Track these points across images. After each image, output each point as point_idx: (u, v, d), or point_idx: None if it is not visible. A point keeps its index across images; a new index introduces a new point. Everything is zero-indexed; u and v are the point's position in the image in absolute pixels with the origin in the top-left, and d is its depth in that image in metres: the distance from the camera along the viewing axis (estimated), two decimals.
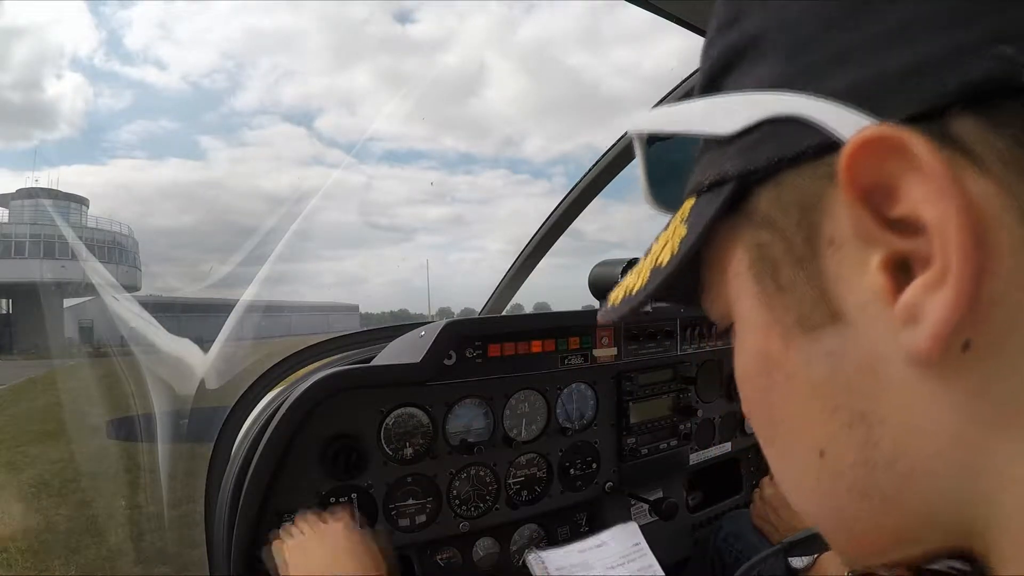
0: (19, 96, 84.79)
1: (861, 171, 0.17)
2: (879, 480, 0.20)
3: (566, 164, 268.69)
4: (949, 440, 0.18)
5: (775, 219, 0.21)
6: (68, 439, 4.90)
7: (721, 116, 0.22)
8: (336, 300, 41.24)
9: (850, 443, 0.20)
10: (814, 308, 0.20)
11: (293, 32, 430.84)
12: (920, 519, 0.20)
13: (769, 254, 0.21)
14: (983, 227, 0.16)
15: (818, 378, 0.21)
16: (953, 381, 0.18)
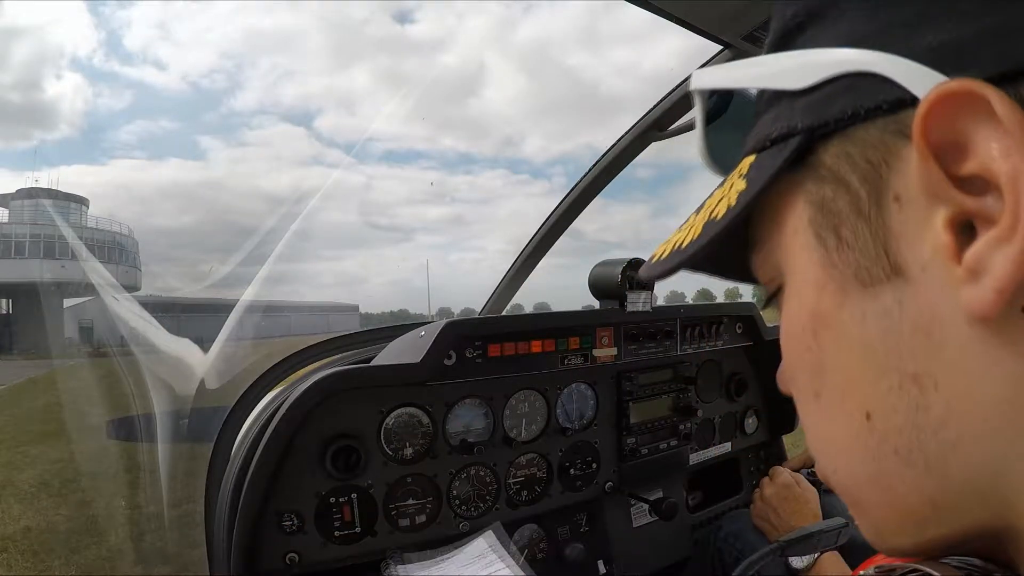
0: (19, 96, 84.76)
1: (937, 125, 0.17)
2: (926, 445, 0.20)
3: (566, 164, 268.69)
4: (1000, 407, 0.18)
5: (842, 173, 0.21)
6: (68, 439, 4.90)
7: (794, 71, 0.22)
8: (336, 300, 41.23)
9: (899, 406, 0.20)
10: (875, 263, 0.20)
11: (292, 32, 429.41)
12: (960, 487, 0.20)
13: (833, 208, 0.21)
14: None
15: (871, 337, 0.21)
16: (1010, 346, 0.18)
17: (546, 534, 1.03)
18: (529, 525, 1.02)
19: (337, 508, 0.83)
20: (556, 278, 2.89)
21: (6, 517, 3.93)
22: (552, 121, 41.87)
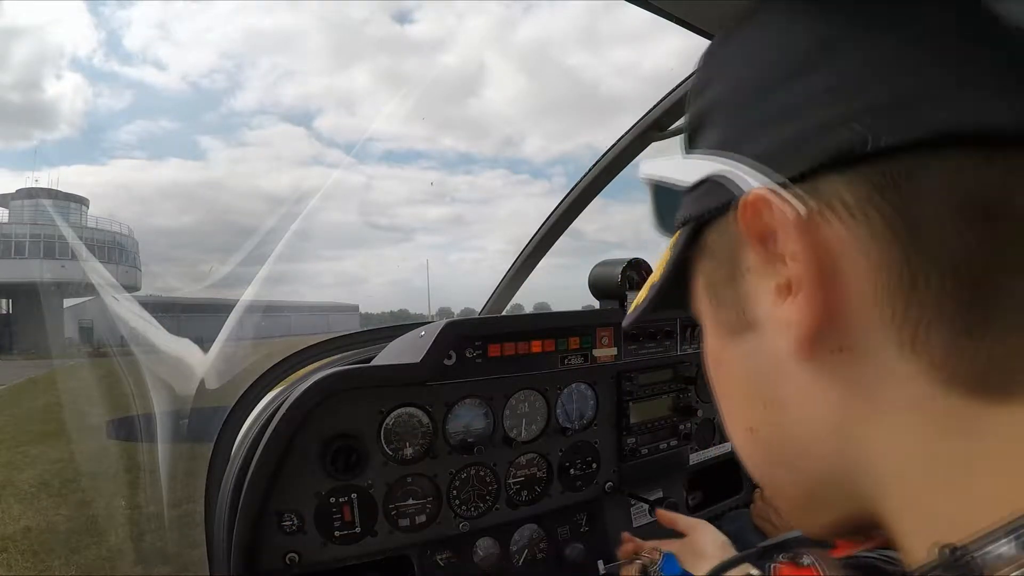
0: (19, 96, 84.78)
1: (750, 222, 0.24)
2: (786, 452, 0.27)
3: (566, 164, 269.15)
4: (829, 423, 0.24)
5: (716, 252, 0.28)
6: (68, 439, 4.90)
7: (686, 172, 0.28)
8: (336, 300, 41.21)
9: (766, 423, 0.27)
10: (738, 319, 0.27)
11: (292, 32, 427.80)
12: (821, 481, 0.26)
13: (713, 277, 0.29)
14: (832, 259, 0.22)
15: (743, 372, 0.28)
16: (831, 376, 0.24)
17: (546, 534, 1.03)
18: (529, 525, 1.02)
19: (337, 508, 0.83)
20: (556, 278, 2.90)
21: (6, 517, 3.93)
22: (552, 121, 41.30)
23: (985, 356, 0.21)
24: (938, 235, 0.21)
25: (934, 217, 0.21)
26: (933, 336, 0.21)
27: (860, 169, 0.22)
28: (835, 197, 0.22)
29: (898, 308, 0.22)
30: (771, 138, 0.24)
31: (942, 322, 0.21)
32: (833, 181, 0.22)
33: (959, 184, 0.21)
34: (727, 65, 0.28)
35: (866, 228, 0.22)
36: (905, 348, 0.22)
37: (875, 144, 0.21)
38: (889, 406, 0.23)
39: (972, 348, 0.21)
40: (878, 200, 0.22)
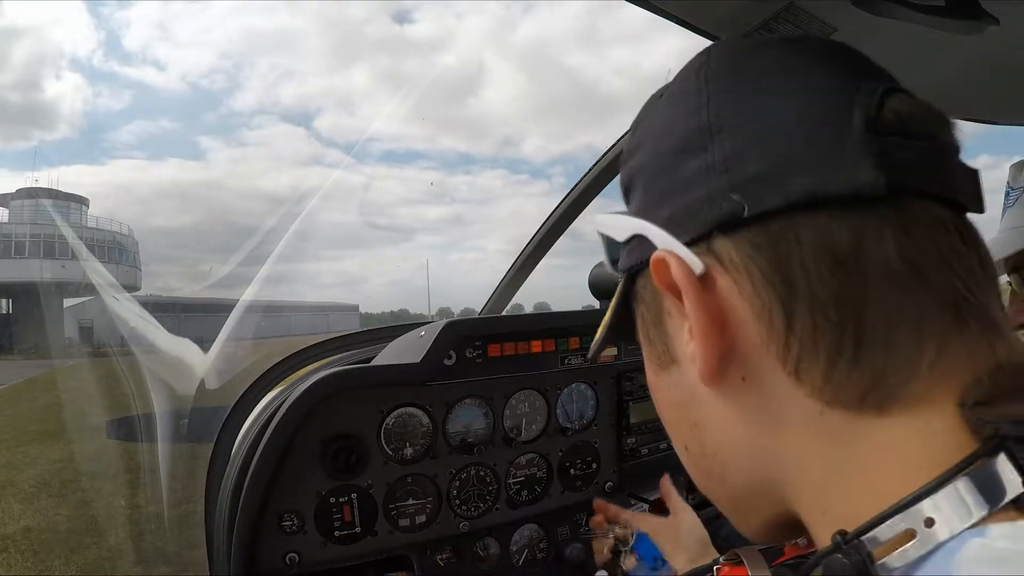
0: (18, 96, 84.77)
1: (660, 276, 0.28)
2: (711, 465, 0.32)
3: (565, 164, 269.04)
4: (742, 439, 0.29)
5: (645, 298, 0.33)
6: (68, 439, 4.90)
7: (619, 229, 0.33)
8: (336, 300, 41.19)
9: (694, 442, 0.32)
10: (664, 355, 0.32)
11: (291, 32, 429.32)
12: (744, 489, 0.31)
13: (645, 320, 0.33)
14: (722, 308, 0.27)
15: (672, 399, 0.33)
16: (739, 401, 0.28)
17: (546, 534, 1.03)
18: (529, 525, 1.02)
19: (337, 508, 0.83)
20: (556, 278, 2.90)
21: (6, 517, 3.93)
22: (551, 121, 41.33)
23: (859, 379, 0.25)
24: (807, 283, 0.25)
25: (802, 268, 0.25)
26: (813, 367, 0.25)
27: (742, 232, 0.26)
28: (724, 255, 0.27)
29: (780, 346, 0.26)
30: (674, 205, 0.29)
31: (818, 355, 0.25)
32: (723, 242, 0.27)
33: (822, 240, 0.25)
34: (647, 136, 0.33)
35: (748, 281, 0.26)
36: (792, 376, 0.26)
37: (751, 211, 0.26)
38: (788, 422, 0.27)
39: (847, 373, 0.25)
40: (757, 257, 0.26)
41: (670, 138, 0.30)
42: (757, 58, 0.30)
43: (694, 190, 0.28)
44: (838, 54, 0.30)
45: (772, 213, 0.25)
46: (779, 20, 0.70)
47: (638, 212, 0.31)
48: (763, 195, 0.26)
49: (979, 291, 0.26)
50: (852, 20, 0.68)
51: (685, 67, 0.32)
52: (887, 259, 0.24)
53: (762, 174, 0.26)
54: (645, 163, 0.32)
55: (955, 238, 0.26)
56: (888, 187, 0.25)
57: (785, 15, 0.69)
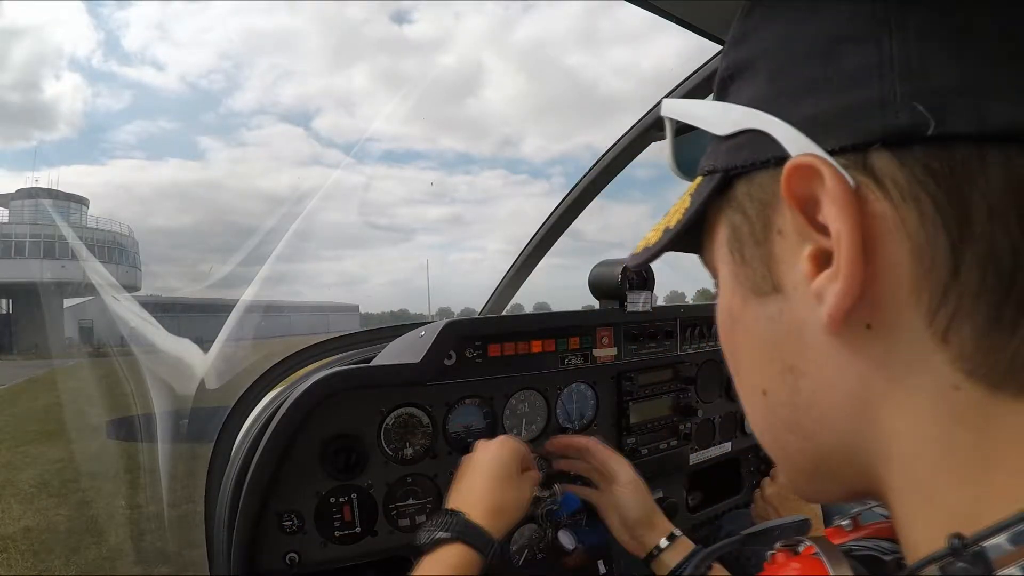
0: (18, 96, 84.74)
1: (795, 186, 0.23)
2: (800, 419, 0.27)
3: (565, 164, 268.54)
4: (850, 398, 0.25)
5: (745, 207, 0.27)
6: (68, 439, 4.90)
7: (719, 120, 0.28)
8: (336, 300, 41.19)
9: (782, 388, 0.27)
10: (763, 280, 0.27)
11: (290, 33, 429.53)
12: (832, 452, 0.26)
13: (739, 234, 0.28)
14: (875, 238, 0.22)
15: (762, 334, 0.28)
16: (857, 352, 0.24)
17: (546, 534, 1.03)
18: (529, 525, 1.02)
19: (337, 508, 0.83)
20: (556, 278, 2.90)
21: (6, 517, 3.93)
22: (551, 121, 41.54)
23: (1011, 353, 0.21)
24: (987, 227, 0.21)
25: (986, 210, 0.21)
26: (966, 327, 0.21)
27: (916, 151, 0.21)
28: (886, 175, 0.22)
29: (935, 295, 0.22)
30: (822, 103, 0.23)
31: (977, 314, 0.21)
32: (886, 159, 0.22)
33: (1015, 181, 0.21)
34: (776, 16, 0.26)
35: (915, 211, 0.22)
36: (936, 335, 0.22)
37: (938, 129, 0.21)
38: (912, 389, 0.23)
39: (1001, 344, 0.21)
40: (931, 186, 0.21)
41: (822, 18, 0.24)
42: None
43: (857, 88, 0.23)
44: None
45: (961, 137, 0.21)
46: None
47: (755, 104, 0.26)
48: (955, 113, 0.21)
49: None
50: None
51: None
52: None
53: (956, 87, 0.21)
54: (773, 47, 0.26)
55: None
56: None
57: None
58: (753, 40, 0.27)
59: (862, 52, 0.23)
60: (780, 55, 0.26)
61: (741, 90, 0.27)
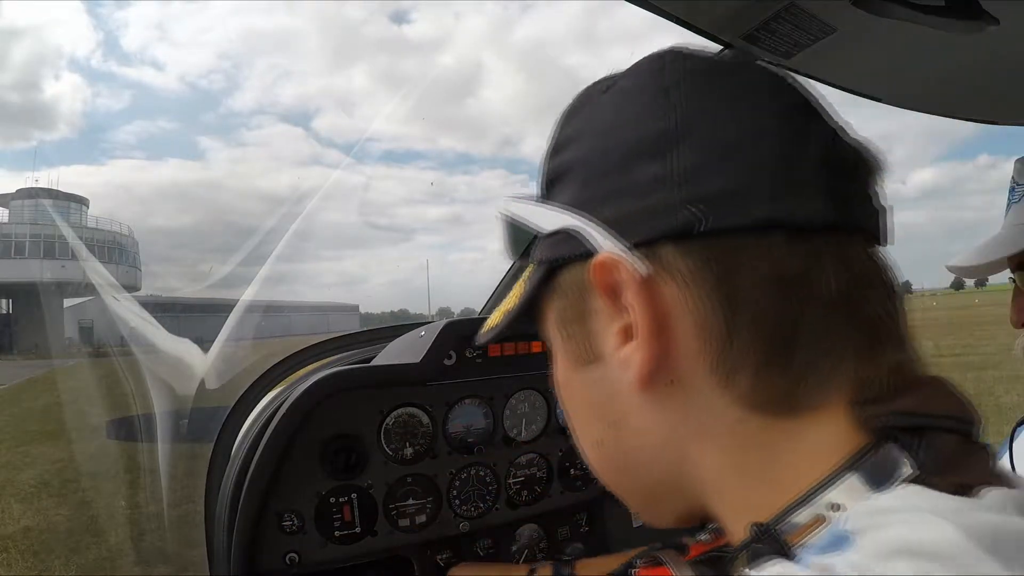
0: (18, 97, 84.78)
1: (601, 277, 0.29)
2: (628, 463, 0.33)
3: None
4: (663, 441, 0.30)
5: (567, 293, 0.32)
6: (68, 439, 4.90)
7: (543, 220, 0.32)
8: (336, 300, 41.20)
9: (611, 439, 0.33)
10: (586, 352, 0.32)
11: (289, 33, 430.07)
12: (659, 485, 0.32)
13: (563, 315, 0.33)
14: (665, 315, 0.28)
15: (589, 396, 0.33)
16: (664, 405, 0.29)
17: (546, 534, 1.03)
18: (529, 525, 1.02)
19: (337, 508, 0.83)
20: None
21: (6, 517, 3.93)
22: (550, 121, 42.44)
23: (781, 387, 0.27)
24: (753, 301, 0.27)
25: (751, 286, 0.27)
26: (742, 375, 0.27)
27: (693, 244, 0.27)
28: (672, 265, 0.27)
29: (716, 354, 0.27)
30: (622, 207, 0.29)
31: (749, 364, 0.27)
32: (672, 251, 0.27)
33: (770, 262, 0.26)
34: (587, 131, 0.32)
35: (695, 292, 0.27)
36: (720, 384, 0.28)
37: (707, 226, 0.26)
38: (708, 427, 0.29)
39: (771, 383, 0.27)
40: (707, 271, 0.27)
41: (622, 137, 0.30)
42: (732, 75, 0.30)
43: (647, 195, 0.28)
44: (794, 87, 0.31)
45: (727, 230, 0.27)
46: (779, 20, 0.70)
47: (571, 206, 0.31)
48: (721, 213, 0.27)
49: (891, 311, 0.29)
50: (852, 20, 0.68)
51: (642, 65, 0.32)
52: (827, 284, 0.27)
53: (722, 192, 0.27)
54: (584, 158, 0.31)
55: (876, 267, 0.29)
56: (835, 221, 0.27)
57: (785, 15, 0.69)
58: (570, 150, 0.32)
59: (651, 166, 0.28)
60: (590, 166, 0.31)
61: (561, 192, 0.32)
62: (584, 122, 0.33)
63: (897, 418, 0.26)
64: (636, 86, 0.31)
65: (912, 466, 0.25)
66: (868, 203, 0.30)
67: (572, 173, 0.32)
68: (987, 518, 0.22)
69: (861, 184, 0.30)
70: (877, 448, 0.26)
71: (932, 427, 0.26)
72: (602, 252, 0.28)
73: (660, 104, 0.29)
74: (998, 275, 0.87)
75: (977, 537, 0.21)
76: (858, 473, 0.25)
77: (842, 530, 0.24)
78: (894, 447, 0.25)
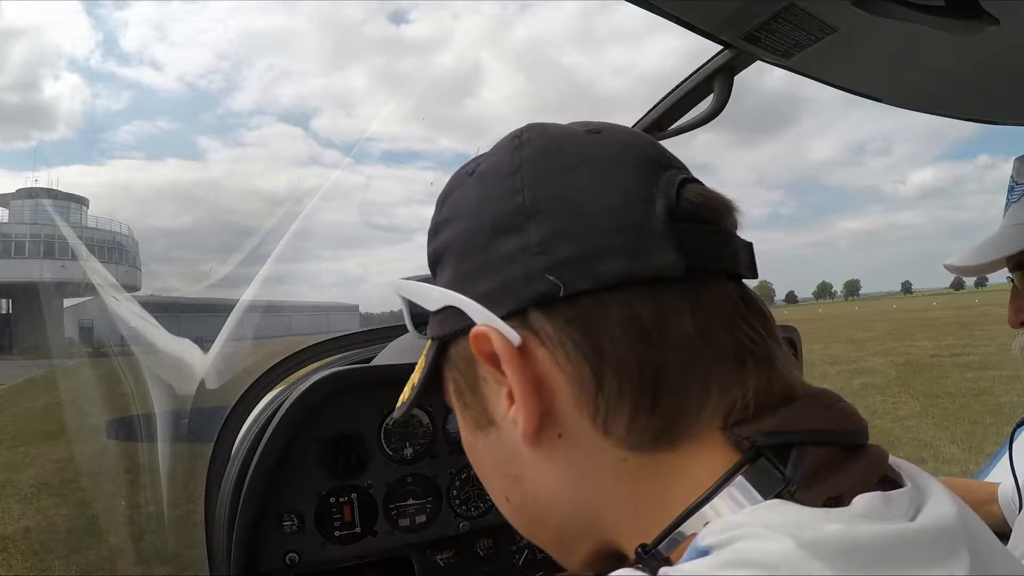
0: (17, 97, 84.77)
1: (480, 347, 0.31)
2: (533, 512, 0.35)
3: None
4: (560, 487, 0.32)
5: (459, 364, 0.35)
6: (68, 439, 4.90)
7: (429, 299, 0.35)
8: (336, 300, 41.16)
9: (516, 492, 0.35)
10: (482, 417, 0.35)
11: (288, 33, 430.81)
12: (565, 529, 0.34)
13: (458, 385, 0.36)
14: (542, 377, 0.30)
15: (491, 456, 0.36)
16: (555, 456, 0.32)
17: None
18: None
19: (337, 508, 0.83)
20: None
21: (6, 517, 3.93)
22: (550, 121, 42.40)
23: (656, 425, 0.29)
24: (614, 352, 0.29)
25: (610, 339, 0.29)
26: (617, 420, 0.29)
27: (556, 308, 0.29)
28: (540, 329, 0.30)
29: (591, 405, 0.29)
30: (490, 281, 0.31)
31: (622, 410, 0.29)
32: (539, 317, 0.30)
33: (629, 315, 0.29)
34: (457, 213, 0.34)
35: (562, 351, 0.29)
36: (600, 431, 0.30)
37: (566, 291, 0.29)
38: (597, 471, 0.31)
39: (646, 422, 0.29)
40: (570, 330, 0.29)
41: (484, 217, 0.32)
42: (568, 147, 0.32)
43: (511, 268, 0.30)
44: (641, 143, 0.34)
45: (584, 292, 0.29)
46: (779, 20, 0.70)
47: (450, 285, 0.33)
48: (576, 276, 0.29)
49: (758, 339, 0.31)
50: (852, 20, 0.68)
51: (498, 147, 0.35)
52: (683, 328, 0.29)
53: (575, 257, 0.29)
54: (456, 239, 0.34)
55: (738, 302, 0.31)
56: (686, 268, 0.29)
57: (785, 15, 0.69)
58: (445, 232, 0.35)
59: (511, 241, 0.30)
60: (461, 246, 0.33)
61: (442, 272, 0.35)
62: (454, 205, 0.35)
63: (764, 437, 0.28)
64: (493, 167, 0.33)
65: (780, 481, 0.26)
66: (725, 244, 0.32)
67: (448, 253, 0.34)
68: (829, 528, 0.24)
69: (714, 227, 0.31)
70: (751, 464, 0.27)
71: (800, 442, 0.27)
72: (477, 325, 0.31)
73: (513, 183, 0.32)
74: (998, 275, 0.87)
75: (812, 547, 0.23)
76: (732, 490, 0.27)
77: (701, 547, 0.25)
78: (765, 463, 0.27)
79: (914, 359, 10.42)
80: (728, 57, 0.83)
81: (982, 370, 8.21)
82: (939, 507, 0.27)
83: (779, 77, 5.32)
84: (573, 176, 0.31)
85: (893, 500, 0.27)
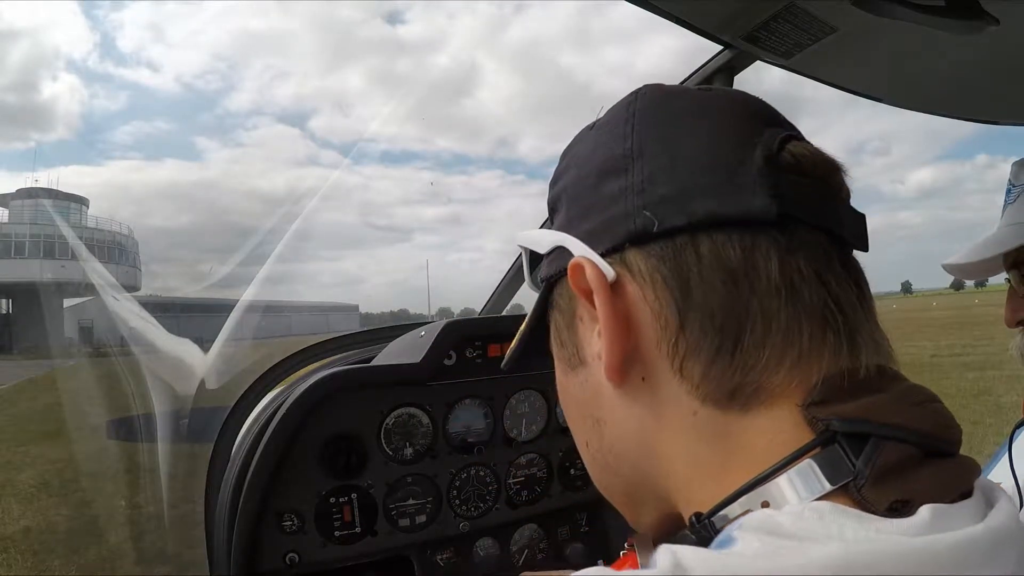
0: (16, 98, 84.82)
1: (576, 281, 0.32)
2: (608, 460, 0.35)
3: None
4: (637, 437, 0.32)
5: (560, 305, 0.36)
6: (68, 439, 4.90)
7: (541, 243, 0.36)
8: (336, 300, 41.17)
9: (595, 437, 0.35)
10: (574, 357, 0.35)
11: (285, 33, 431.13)
12: (634, 482, 0.34)
13: (558, 325, 0.37)
14: (630, 313, 0.31)
15: (578, 397, 0.36)
16: (636, 399, 0.32)
17: (546, 534, 1.03)
18: (529, 525, 1.02)
19: (337, 508, 0.83)
20: None
21: (6, 517, 3.93)
22: (546, 122, 41.24)
23: (731, 377, 0.29)
24: (701, 291, 0.29)
25: (699, 278, 0.29)
26: (695, 365, 0.29)
27: (650, 245, 0.30)
28: (634, 266, 0.31)
29: (670, 344, 0.30)
30: (594, 220, 0.32)
31: (700, 354, 0.29)
32: (634, 253, 0.31)
33: (717, 255, 0.29)
34: (574, 162, 0.36)
35: (652, 288, 0.30)
36: (676, 374, 0.30)
37: (660, 227, 0.29)
38: (669, 420, 0.31)
39: (722, 374, 0.29)
40: (661, 267, 0.30)
41: (595, 162, 0.34)
42: (678, 99, 0.34)
43: (613, 207, 0.31)
44: (750, 100, 0.34)
45: (677, 229, 0.29)
46: (779, 20, 0.70)
47: (561, 227, 0.35)
48: (670, 213, 0.30)
49: (849, 310, 0.29)
50: (852, 20, 0.68)
51: (617, 104, 0.36)
52: (770, 274, 0.28)
53: (670, 195, 0.30)
54: (570, 184, 0.36)
55: (836, 263, 0.30)
56: (778, 214, 0.29)
57: (785, 15, 0.69)
58: (562, 180, 0.37)
59: (616, 181, 0.32)
60: (573, 190, 0.35)
61: (557, 219, 0.37)
62: (573, 156, 0.37)
63: (841, 423, 0.26)
64: (609, 120, 0.35)
65: (849, 472, 0.25)
66: (830, 203, 0.31)
67: (561, 198, 0.36)
68: (862, 547, 0.23)
69: (814, 181, 0.31)
70: (822, 448, 0.26)
71: (880, 435, 0.26)
72: (575, 257, 0.32)
73: (624, 130, 0.33)
74: (997, 276, 0.87)
75: (833, 565, 0.22)
76: (797, 472, 0.26)
77: (730, 536, 0.25)
78: (837, 450, 0.26)
79: (914, 359, 10.41)
80: (728, 57, 0.83)
81: (982, 370, 8.21)
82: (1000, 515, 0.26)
83: (778, 77, 5.34)
84: (678, 122, 0.32)
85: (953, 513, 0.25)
